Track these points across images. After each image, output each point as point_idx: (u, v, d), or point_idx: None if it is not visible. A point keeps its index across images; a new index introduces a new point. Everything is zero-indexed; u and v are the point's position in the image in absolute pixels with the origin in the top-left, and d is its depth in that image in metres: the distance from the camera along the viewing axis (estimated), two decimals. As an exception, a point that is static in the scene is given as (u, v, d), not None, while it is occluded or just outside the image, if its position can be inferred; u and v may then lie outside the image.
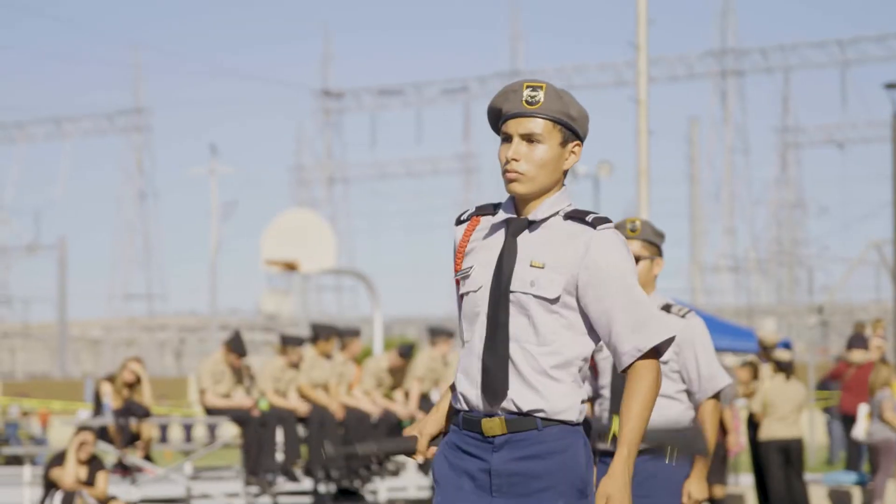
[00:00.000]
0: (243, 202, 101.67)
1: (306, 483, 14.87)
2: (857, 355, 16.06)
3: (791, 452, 14.02)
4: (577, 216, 3.98)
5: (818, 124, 53.02)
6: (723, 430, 13.49)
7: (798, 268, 52.07)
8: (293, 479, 14.65)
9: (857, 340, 16.31)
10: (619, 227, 6.15)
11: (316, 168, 57.48)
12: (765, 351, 15.87)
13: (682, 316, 6.07)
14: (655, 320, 3.95)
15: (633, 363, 3.94)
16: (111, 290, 60.01)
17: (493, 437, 3.96)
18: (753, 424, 14.36)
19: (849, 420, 15.56)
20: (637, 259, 6.10)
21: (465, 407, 4.01)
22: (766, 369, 15.03)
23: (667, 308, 6.10)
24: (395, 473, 15.64)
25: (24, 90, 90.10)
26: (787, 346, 16.76)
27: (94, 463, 13.08)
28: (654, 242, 6.16)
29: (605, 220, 3.97)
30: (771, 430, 14.00)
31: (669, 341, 3.97)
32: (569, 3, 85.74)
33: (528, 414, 3.93)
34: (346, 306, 58.38)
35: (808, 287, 50.30)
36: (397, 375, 15.80)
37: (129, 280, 59.48)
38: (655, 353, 3.96)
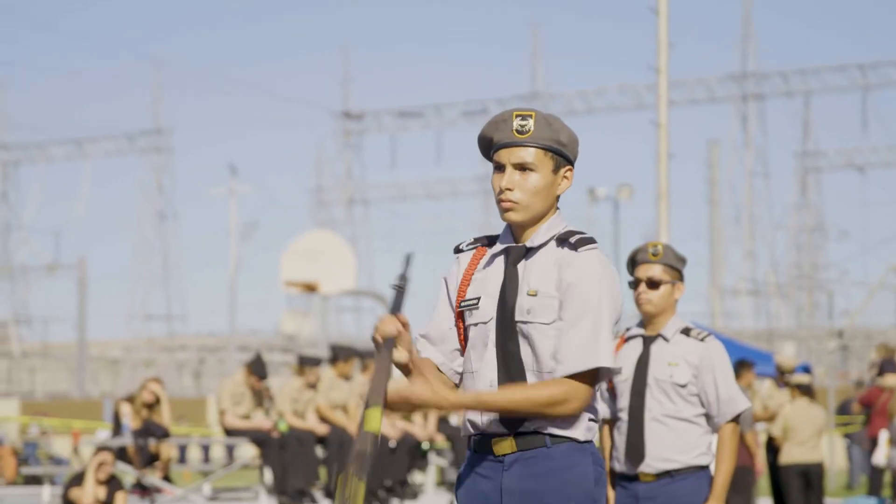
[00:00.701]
0: (263, 223, 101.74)
1: (325, 504, 14.89)
2: (891, 380, 15.98)
3: (811, 477, 13.98)
4: (564, 239, 4.03)
5: (838, 148, 52.81)
6: (750, 452, 13.46)
7: (818, 292, 51.86)
8: (312, 500, 14.66)
9: (890, 365, 16.24)
10: (641, 250, 6.17)
11: (336, 189, 57.51)
12: (782, 376, 15.83)
13: (702, 339, 6.07)
14: (596, 349, 3.93)
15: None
16: (130, 311, 60.04)
17: (504, 455, 4.00)
18: (773, 448, 14.32)
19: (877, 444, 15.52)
20: (658, 283, 6.12)
21: (473, 431, 4.06)
22: (783, 394, 14.98)
23: (686, 331, 6.11)
24: (414, 496, 15.63)
25: (43, 109, 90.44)
26: (806, 370, 16.71)
27: (112, 483, 13.10)
28: (675, 267, 6.17)
29: (588, 242, 4.00)
30: (791, 455, 13.97)
31: (602, 371, 3.95)
32: (589, 25, 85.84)
33: (537, 432, 3.97)
34: (366, 327, 58.34)
35: (828, 311, 50.05)
36: (416, 397, 15.78)
37: (149, 300, 59.54)
38: (589, 378, 3.94)
